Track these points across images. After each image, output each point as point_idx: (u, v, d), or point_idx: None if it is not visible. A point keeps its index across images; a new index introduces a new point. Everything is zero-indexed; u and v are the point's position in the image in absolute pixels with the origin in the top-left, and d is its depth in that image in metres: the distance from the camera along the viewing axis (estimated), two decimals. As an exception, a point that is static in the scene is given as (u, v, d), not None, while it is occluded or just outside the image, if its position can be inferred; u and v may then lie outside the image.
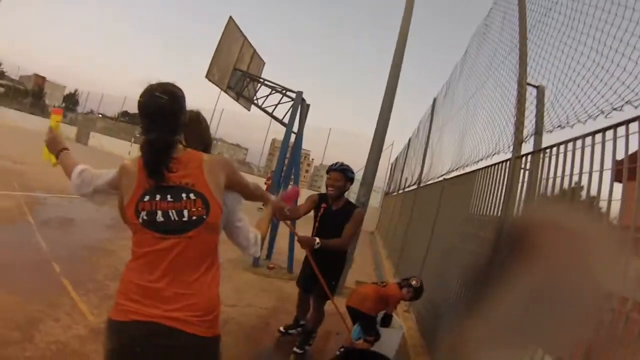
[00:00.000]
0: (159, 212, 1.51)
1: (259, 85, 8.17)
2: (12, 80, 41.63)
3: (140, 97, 1.63)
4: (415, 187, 7.92)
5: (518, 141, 2.86)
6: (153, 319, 1.46)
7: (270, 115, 7.60)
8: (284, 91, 7.46)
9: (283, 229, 6.78)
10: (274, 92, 7.67)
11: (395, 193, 13.35)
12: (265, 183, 16.90)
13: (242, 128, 25.82)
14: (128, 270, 1.56)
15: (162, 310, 1.47)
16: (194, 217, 1.54)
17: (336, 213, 3.76)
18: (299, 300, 4.22)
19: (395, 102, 6.53)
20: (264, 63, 9.21)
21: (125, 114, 36.52)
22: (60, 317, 3.49)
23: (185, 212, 1.53)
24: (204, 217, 1.55)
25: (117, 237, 6.46)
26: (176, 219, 1.52)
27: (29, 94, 40.88)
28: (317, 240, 3.44)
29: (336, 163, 3.85)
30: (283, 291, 5.72)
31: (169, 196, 1.53)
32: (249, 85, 8.27)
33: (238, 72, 7.90)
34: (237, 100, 8.26)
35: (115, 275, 4.75)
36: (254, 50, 8.54)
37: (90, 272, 4.69)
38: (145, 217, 1.51)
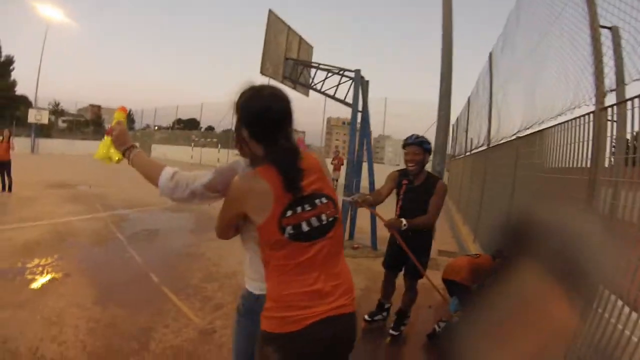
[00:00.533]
0: (303, 223, 1.55)
1: (315, 70, 8.17)
2: (72, 115, 44.22)
3: (254, 101, 1.60)
4: (484, 148, 7.69)
5: (600, 92, 2.71)
6: (327, 314, 1.56)
7: (333, 97, 7.62)
8: (341, 72, 7.44)
9: (361, 210, 6.91)
10: (330, 74, 7.67)
11: (462, 156, 12.98)
12: (332, 163, 16.93)
13: (296, 112, 26.08)
14: (282, 283, 1.57)
15: (328, 304, 1.57)
16: (330, 219, 1.63)
17: (419, 188, 3.69)
18: (384, 282, 4.18)
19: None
20: (312, 47, 9.21)
21: (179, 121, 37.89)
22: (169, 323, 3.80)
23: (323, 216, 1.60)
24: (336, 215, 1.66)
25: (202, 240, 6.85)
26: (317, 224, 1.58)
27: (89, 123, 43.45)
28: (404, 221, 3.42)
29: (411, 136, 3.71)
30: (372, 270, 5.78)
31: (307, 206, 1.57)
32: (303, 72, 8.29)
33: (290, 61, 7.96)
34: (294, 89, 8.34)
35: (209, 278, 5.10)
36: (300, 37, 8.57)
37: (186, 278, 5.03)
38: (291, 232, 1.53)
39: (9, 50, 40.35)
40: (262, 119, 1.58)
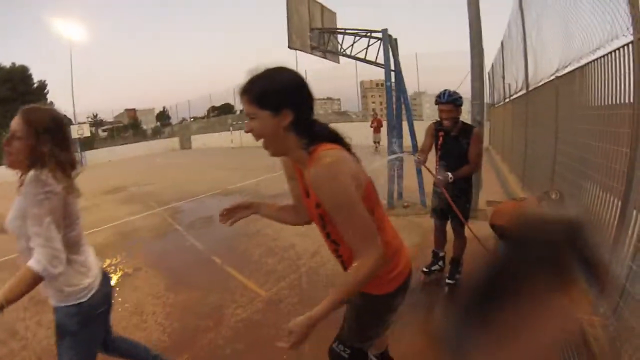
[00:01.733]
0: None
1: (342, 36, 8.10)
2: (110, 123, 45.51)
3: (301, 79, 1.53)
4: (523, 92, 7.50)
5: (636, 20, 2.62)
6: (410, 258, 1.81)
7: (364, 60, 7.54)
8: (368, 34, 7.36)
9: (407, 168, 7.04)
10: (357, 37, 7.60)
11: (501, 103, 12.63)
12: (371, 126, 16.83)
13: (328, 81, 25.80)
14: (392, 239, 1.71)
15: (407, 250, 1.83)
16: None
17: (455, 138, 3.84)
18: (435, 232, 4.32)
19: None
20: (335, 14, 9.11)
21: (213, 109, 38.34)
22: (237, 298, 4.09)
23: None
24: None
25: (254, 220, 7.03)
26: None
27: (128, 127, 44.66)
28: (450, 175, 3.63)
29: (443, 94, 3.78)
30: (423, 226, 5.87)
31: None
32: (331, 39, 8.25)
33: (315, 31, 7.93)
34: (324, 57, 8.33)
35: (268, 253, 5.37)
36: (322, 5, 8.46)
37: (247, 256, 5.31)
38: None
39: (40, 76, 41.70)
40: (305, 92, 1.52)
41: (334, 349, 1.91)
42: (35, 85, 38.08)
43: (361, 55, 7.64)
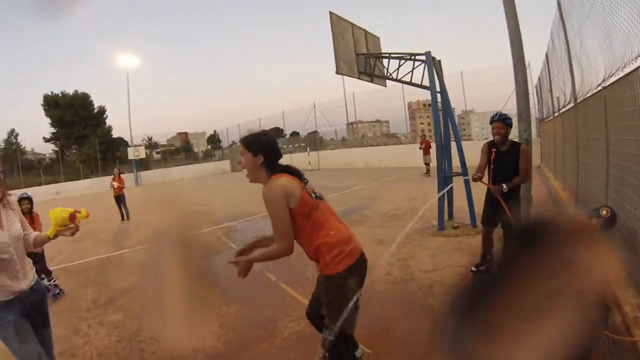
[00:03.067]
0: (312, 192, 2.52)
1: (387, 60, 8.25)
2: (164, 146, 47.37)
3: (266, 137, 2.55)
4: (571, 105, 7.34)
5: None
6: (360, 246, 2.56)
7: (409, 83, 7.66)
8: (412, 57, 7.48)
9: (457, 190, 7.14)
10: (402, 61, 7.74)
11: (550, 117, 12.31)
12: (420, 147, 16.74)
13: (376, 103, 25.94)
14: (332, 231, 2.46)
15: (356, 241, 2.55)
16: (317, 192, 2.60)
17: (505, 153, 4.54)
18: (483, 238, 4.86)
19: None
20: (378, 38, 9.32)
21: (263, 132, 39.23)
22: (290, 313, 4.23)
23: (315, 190, 2.59)
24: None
25: None
26: (314, 193, 2.54)
27: (180, 150, 46.34)
28: (504, 186, 4.36)
29: (496, 114, 4.59)
30: (473, 246, 5.85)
31: (307, 185, 2.54)
32: (377, 63, 8.42)
33: (361, 57, 8.13)
34: (372, 82, 8.50)
35: None
36: (365, 31, 8.71)
37: (300, 272, 5.42)
38: (313, 195, 2.50)
39: (100, 102, 44.40)
40: (274, 147, 2.55)
41: (323, 336, 2.56)
42: (96, 110, 40.59)
43: (407, 78, 7.76)
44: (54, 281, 5.76)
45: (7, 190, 2.62)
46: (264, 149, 2.47)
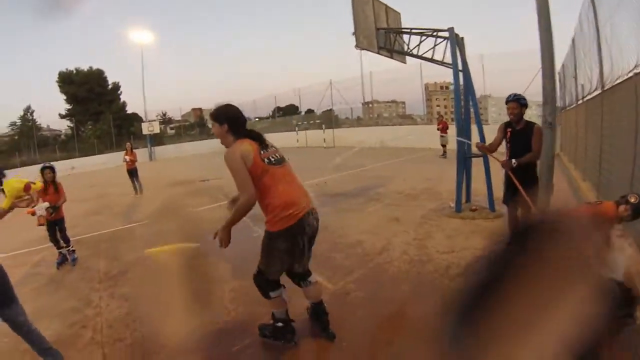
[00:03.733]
0: (270, 157, 2.97)
1: (408, 36, 8.03)
2: (178, 121, 47.43)
3: (232, 108, 3.04)
4: (598, 92, 7.09)
5: None
6: (305, 210, 2.96)
7: (431, 60, 7.44)
8: (434, 33, 7.24)
9: (475, 173, 7.06)
10: (424, 37, 7.52)
11: (573, 105, 11.99)
12: (438, 128, 16.48)
13: (393, 83, 25.59)
14: (275, 196, 2.88)
15: (305, 202, 3.00)
16: (279, 157, 3.08)
17: (520, 132, 4.68)
18: (508, 217, 5.01)
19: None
20: (399, 13, 9.07)
21: (278, 109, 39.01)
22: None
23: (277, 154, 3.07)
24: (282, 156, 3.14)
25: (323, 214, 7.15)
26: (274, 158, 3.00)
27: (194, 126, 46.37)
28: (514, 160, 4.54)
29: (511, 94, 4.74)
30: (490, 230, 5.79)
31: (267, 150, 3.00)
32: (397, 39, 8.20)
33: (381, 31, 7.93)
34: (391, 57, 8.30)
35: (335, 248, 5.48)
36: (386, 5, 8.46)
37: (314, 250, 5.31)
38: (266, 160, 2.90)
39: (115, 78, 44.53)
40: (235, 116, 3.03)
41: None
42: (110, 86, 40.67)
43: (428, 55, 7.55)
44: (72, 248, 6.02)
45: None
46: (227, 119, 2.97)
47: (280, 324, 3.28)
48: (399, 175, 11.33)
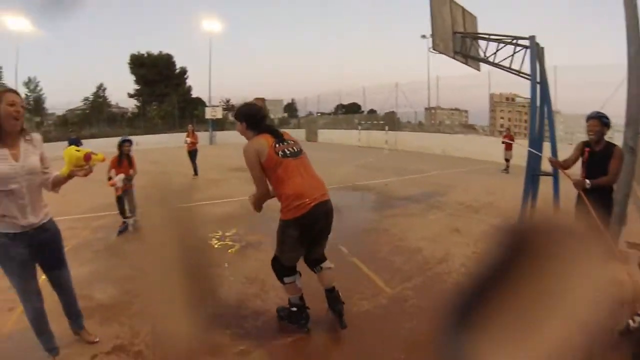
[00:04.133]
0: (285, 150, 3.12)
1: (486, 42, 7.70)
2: None
3: (250, 107, 3.37)
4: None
5: None
6: (317, 200, 3.04)
7: (507, 69, 7.07)
8: (513, 41, 6.89)
9: (541, 191, 6.57)
10: (502, 45, 7.19)
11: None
12: (503, 142, 15.83)
13: (458, 90, 24.94)
14: (288, 187, 3.03)
15: (317, 195, 3.07)
16: (297, 149, 3.21)
17: (599, 153, 4.29)
18: None
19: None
20: (475, 17, 8.73)
21: (340, 107, 39.02)
22: (362, 290, 4.10)
23: (294, 148, 3.19)
24: (300, 149, 3.27)
25: (384, 217, 7.28)
26: (290, 151, 3.15)
27: None
28: (587, 182, 4.15)
29: (593, 112, 4.41)
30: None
31: (283, 144, 3.16)
32: (473, 44, 7.90)
33: (458, 35, 7.66)
34: (466, 64, 8.02)
35: (395, 251, 5.33)
36: (463, 8, 8.15)
37: (374, 251, 5.31)
38: (280, 153, 3.08)
39: (182, 63, 46.39)
40: (252, 114, 3.28)
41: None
42: (177, 70, 42.21)
43: (504, 64, 7.21)
44: (137, 218, 6.23)
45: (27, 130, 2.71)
46: (245, 117, 3.25)
47: (294, 309, 3.39)
48: (460, 185, 10.97)
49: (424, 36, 29.40)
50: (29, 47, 60.83)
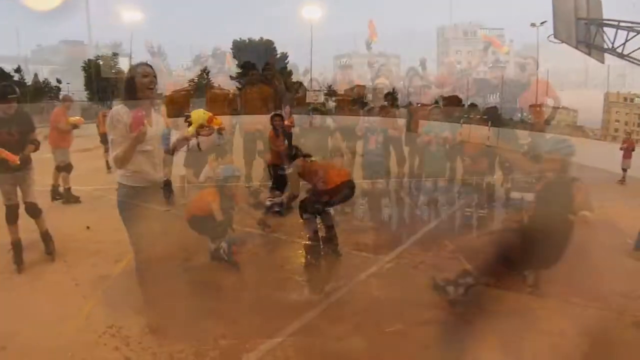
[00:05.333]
0: None
1: (615, 30, 6.87)
2: (341, 95, 49.23)
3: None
4: None
5: None
6: (344, 178, 4.53)
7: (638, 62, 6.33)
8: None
9: None
10: (633, 34, 6.35)
11: None
12: (621, 148, 14.16)
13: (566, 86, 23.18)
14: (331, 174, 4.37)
15: (345, 173, 4.78)
16: None
17: None
18: None
19: None
20: (600, 2, 7.77)
21: (442, 98, 37.80)
22: None
23: None
24: None
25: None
26: None
27: (356, 101, 47.68)
28: None
29: None
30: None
31: None
32: (598, 32, 7.06)
33: (581, 22, 6.88)
34: (589, 54, 7.24)
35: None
36: (587, -11, 7.30)
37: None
38: None
39: (283, 48, 48.32)
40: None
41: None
42: (278, 55, 43.95)
43: (635, 55, 6.39)
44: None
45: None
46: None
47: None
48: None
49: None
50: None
